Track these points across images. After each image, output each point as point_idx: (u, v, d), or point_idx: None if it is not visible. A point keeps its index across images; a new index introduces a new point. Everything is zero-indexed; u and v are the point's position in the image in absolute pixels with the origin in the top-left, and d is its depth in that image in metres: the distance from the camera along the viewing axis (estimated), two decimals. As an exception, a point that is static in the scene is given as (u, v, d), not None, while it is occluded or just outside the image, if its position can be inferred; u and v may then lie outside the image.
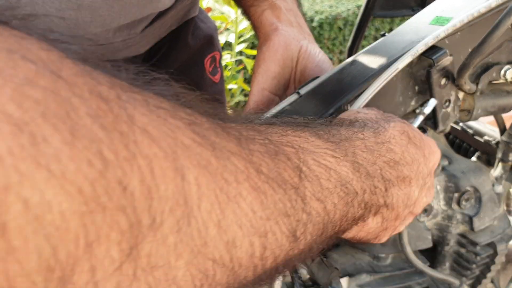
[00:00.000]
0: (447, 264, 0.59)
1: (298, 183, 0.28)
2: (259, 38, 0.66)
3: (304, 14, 0.70)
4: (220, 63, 0.90)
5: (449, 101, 0.50)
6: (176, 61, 0.80)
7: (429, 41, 0.46)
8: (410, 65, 0.48)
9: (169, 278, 0.21)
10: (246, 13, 0.69)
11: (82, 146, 0.17)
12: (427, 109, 0.48)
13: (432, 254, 0.60)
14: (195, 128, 0.22)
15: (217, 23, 1.98)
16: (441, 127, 0.50)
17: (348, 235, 0.40)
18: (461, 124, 0.75)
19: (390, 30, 3.49)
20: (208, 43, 0.85)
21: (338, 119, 0.39)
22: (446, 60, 0.47)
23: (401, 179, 0.38)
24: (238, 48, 2.04)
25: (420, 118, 0.47)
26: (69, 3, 0.53)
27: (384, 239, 0.42)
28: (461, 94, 0.54)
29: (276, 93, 0.62)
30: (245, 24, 2.00)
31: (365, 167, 0.34)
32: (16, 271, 0.16)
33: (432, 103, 0.48)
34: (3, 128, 0.15)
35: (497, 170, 0.62)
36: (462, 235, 0.57)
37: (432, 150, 0.42)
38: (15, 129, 0.16)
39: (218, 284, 0.24)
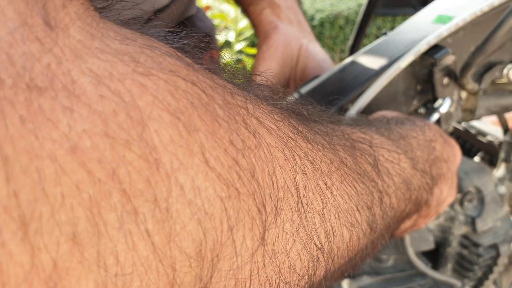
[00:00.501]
0: (449, 266, 0.58)
1: (376, 177, 0.29)
2: (258, 37, 0.66)
3: (304, 13, 0.69)
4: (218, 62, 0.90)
5: (452, 100, 0.50)
6: None
7: (431, 40, 0.46)
8: (412, 64, 0.47)
9: (286, 266, 0.21)
10: (246, 12, 0.69)
11: (221, 136, 0.18)
12: (443, 108, 0.48)
13: (434, 256, 0.59)
14: (296, 126, 0.24)
15: (217, 21, 1.98)
16: (443, 127, 0.50)
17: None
18: (463, 123, 0.75)
19: (392, 28, 3.48)
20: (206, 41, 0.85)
21: (387, 118, 0.41)
22: (449, 59, 0.47)
23: (440, 176, 0.40)
24: (237, 46, 2.04)
25: (436, 116, 0.48)
26: None
27: (406, 233, 0.44)
28: (463, 94, 0.53)
29: None
30: (244, 22, 1.99)
31: (420, 164, 0.36)
32: (177, 257, 0.16)
33: (448, 102, 0.48)
34: (165, 117, 0.16)
35: (500, 170, 0.62)
36: (465, 236, 0.56)
37: (458, 150, 0.44)
38: (174, 118, 0.16)
39: (321, 269, 0.24)
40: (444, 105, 0.48)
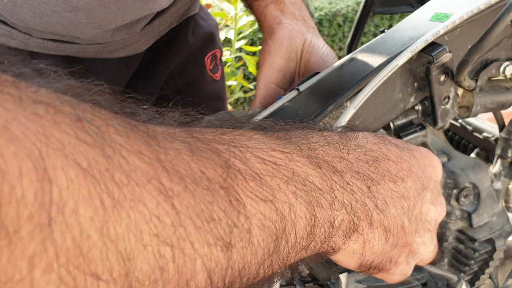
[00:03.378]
0: (446, 260, 0.59)
1: (230, 182, 0.24)
2: (263, 32, 0.66)
3: (308, 7, 0.70)
4: (221, 61, 0.90)
5: (448, 97, 0.50)
6: (176, 59, 0.80)
7: (428, 37, 0.46)
8: (409, 61, 0.48)
9: None
10: (250, 7, 0.69)
11: None
12: None
13: (431, 250, 0.60)
14: (85, 125, 0.20)
15: (217, 19, 1.98)
16: (440, 124, 0.50)
17: (353, 258, 0.34)
18: (460, 120, 0.75)
19: (390, 26, 3.49)
20: (209, 40, 0.85)
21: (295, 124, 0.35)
22: (446, 57, 0.47)
23: (388, 177, 0.34)
24: (237, 44, 2.04)
25: None
26: (64, 5, 0.52)
27: (402, 265, 0.37)
28: (460, 91, 0.54)
29: (282, 86, 0.62)
30: (244, 20, 1.99)
31: (329, 162, 0.31)
32: None
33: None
34: None
35: (496, 166, 0.63)
36: (461, 231, 0.57)
37: (425, 155, 0.38)
38: None
39: None
40: None
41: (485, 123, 0.72)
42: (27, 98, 0.18)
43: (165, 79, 0.80)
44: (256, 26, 1.99)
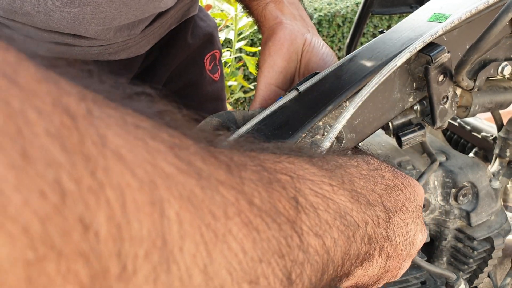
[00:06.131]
0: (445, 259, 0.60)
1: (295, 216, 0.24)
2: (263, 33, 0.66)
3: (305, 7, 0.69)
4: (220, 61, 0.90)
5: (447, 97, 0.51)
6: (176, 60, 0.81)
7: (427, 38, 0.47)
8: (408, 61, 0.48)
9: None
10: (248, 8, 0.69)
11: (34, 172, 0.13)
12: None
13: (430, 249, 0.60)
14: (178, 153, 0.19)
15: (217, 20, 1.98)
16: (438, 123, 0.51)
17: (350, 281, 0.34)
18: (458, 120, 0.76)
19: (389, 27, 3.49)
20: (208, 41, 0.85)
21: (323, 149, 0.36)
22: (444, 57, 0.47)
23: (399, 207, 0.35)
24: (237, 45, 2.04)
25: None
26: (70, 0, 0.53)
27: (381, 284, 0.38)
28: (458, 91, 0.54)
29: (283, 87, 0.62)
30: (244, 21, 2.00)
31: (364, 195, 0.31)
32: None
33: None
34: None
35: (495, 165, 0.63)
36: (460, 230, 0.58)
37: (413, 182, 0.39)
38: None
39: None
40: None
41: (483, 123, 0.72)
42: (132, 123, 0.18)
43: (165, 80, 0.81)
44: (256, 26, 1.99)
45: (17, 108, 0.14)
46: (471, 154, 0.72)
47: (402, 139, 0.50)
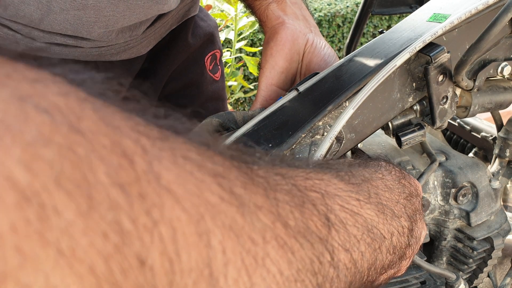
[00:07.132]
0: (444, 259, 0.60)
1: (326, 234, 0.25)
2: (265, 33, 0.65)
3: (308, 7, 0.69)
4: (220, 61, 0.90)
5: (447, 97, 0.51)
6: (177, 60, 0.81)
7: (426, 38, 0.47)
8: (407, 62, 0.48)
9: None
10: (251, 7, 0.69)
11: (98, 216, 0.14)
12: None
13: (429, 249, 0.60)
14: (221, 181, 0.19)
15: (217, 20, 1.98)
16: (438, 124, 0.51)
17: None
18: (458, 120, 0.76)
19: (389, 27, 3.50)
20: (209, 41, 0.85)
21: (349, 159, 0.36)
22: (444, 57, 0.48)
23: (418, 213, 0.37)
24: (237, 45, 2.04)
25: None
26: (74, 3, 0.53)
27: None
28: (458, 91, 0.54)
29: (284, 87, 0.62)
30: (244, 21, 2.00)
31: (390, 207, 0.32)
32: None
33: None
34: (7, 199, 0.13)
35: (494, 165, 0.63)
36: (459, 230, 0.58)
37: (414, 181, 0.40)
38: (22, 200, 0.13)
39: None
40: None
41: (483, 123, 0.73)
42: (180, 155, 0.18)
43: (166, 80, 0.81)
44: (256, 27, 2.00)
45: (82, 156, 0.15)
46: (470, 154, 0.72)
47: (402, 139, 0.50)
